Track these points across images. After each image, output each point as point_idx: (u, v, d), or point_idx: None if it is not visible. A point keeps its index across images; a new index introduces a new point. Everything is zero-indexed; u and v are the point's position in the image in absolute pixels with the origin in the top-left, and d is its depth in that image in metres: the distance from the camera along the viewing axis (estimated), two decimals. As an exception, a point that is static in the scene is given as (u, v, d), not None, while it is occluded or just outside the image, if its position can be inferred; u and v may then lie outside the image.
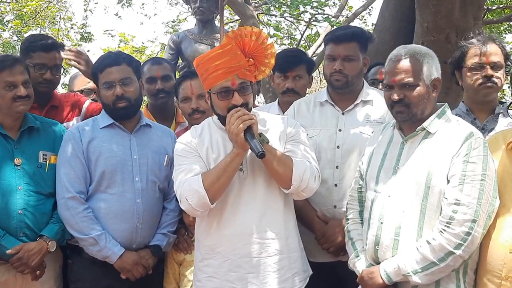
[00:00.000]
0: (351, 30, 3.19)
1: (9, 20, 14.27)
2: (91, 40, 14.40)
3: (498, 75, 3.04)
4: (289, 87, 3.67)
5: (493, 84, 3.04)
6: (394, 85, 2.58)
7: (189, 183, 2.65)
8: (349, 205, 2.90)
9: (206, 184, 2.60)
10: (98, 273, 3.08)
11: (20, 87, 2.99)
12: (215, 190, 2.63)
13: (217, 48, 2.69)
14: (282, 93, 3.73)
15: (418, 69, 2.56)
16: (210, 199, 2.62)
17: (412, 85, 2.55)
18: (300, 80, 3.71)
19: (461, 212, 2.40)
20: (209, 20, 5.85)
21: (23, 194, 2.99)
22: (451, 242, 2.40)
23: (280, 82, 3.72)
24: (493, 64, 3.04)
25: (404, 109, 2.58)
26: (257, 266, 2.69)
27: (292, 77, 3.68)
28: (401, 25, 5.33)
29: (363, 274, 2.65)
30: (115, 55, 3.23)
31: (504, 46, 3.10)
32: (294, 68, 3.66)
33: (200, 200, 2.62)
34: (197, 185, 2.61)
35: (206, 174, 2.65)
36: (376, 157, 2.75)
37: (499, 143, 2.65)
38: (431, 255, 2.43)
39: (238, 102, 2.64)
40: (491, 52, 3.05)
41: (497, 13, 10.17)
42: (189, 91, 3.44)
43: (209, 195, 2.61)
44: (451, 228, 2.40)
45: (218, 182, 2.62)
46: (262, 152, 2.51)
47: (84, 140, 3.09)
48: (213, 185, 2.61)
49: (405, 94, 2.56)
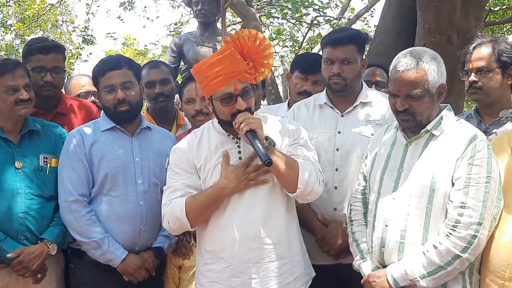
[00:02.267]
0: (347, 33, 3.19)
1: (12, 24, 14.32)
2: (93, 43, 14.45)
3: (484, 80, 3.04)
4: (307, 90, 3.65)
5: (477, 90, 3.07)
6: (399, 95, 2.56)
7: (172, 208, 2.71)
8: (353, 206, 2.89)
9: (190, 215, 2.68)
10: (100, 277, 3.08)
11: (22, 91, 2.99)
12: (198, 221, 2.73)
13: (217, 54, 2.67)
14: (298, 93, 3.69)
15: (424, 80, 2.53)
16: (192, 226, 2.73)
17: (418, 96, 2.54)
18: (318, 86, 3.68)
19: (466, 215, 2.40)
20: (211, 23, 5.84)
21: (24, 198, 2.98)
22: (458, 246, 2.40)
23: (298, 82, 3.70)
24: (477, 69, 3.06)
25: (409, 118, 2.58)
26: (259, 272, 2.68)
27: (312, 80, 3.66)
28: (403, 27, 5.32)
29: (369, 278, 2.65)
30: (116, 58, 3.22)
31: (502, 47, 3.07)
32: (316, 73, 3.63)
33: (181, 227, 2.75)
34: (179, 213, 2.68)
35: (190, 204, 2.68)
36: (379, 159, 2.75)
37: (504, 145, 2.65)
38: (438, 259, 2.43)
39: (242, 107, 2.63)
40: (476, 58, 3.07)
41: (500, 15, 10.16)
42: (194, 93, 3.44)
43: (191, 224, 2.71)
44: (458, 231, 2.41)
45: (202, 215, 2.72)
46: (269, 160, 2.50)
47: (86, 143, 3.09)
48: (197, 217, 2.71)
49: (410, 104, 2.55)
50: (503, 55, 3.04)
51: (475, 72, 3.06)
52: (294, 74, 3.75)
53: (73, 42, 14.83)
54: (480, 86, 3.05)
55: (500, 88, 3.07)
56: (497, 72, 3.04)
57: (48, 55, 3.47)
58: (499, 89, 3.06)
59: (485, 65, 3.05)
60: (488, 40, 3.12)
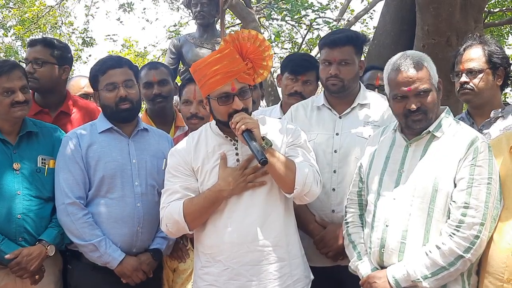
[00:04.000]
0: (345, 34, 3.18)
1: (12, 25, 14.33)
2: (92, 45, 14.46)
3: (475, 80, 3.05)
4: (298, 90, 3.65)
5: (468, 90, 3.07)
6: (409, 95, 2.56)
7: (170, 211, 2.71)
8: (348, 208, 2.89)
9: (188, 218, 2.68)
10: (98, 278, 3.07)
11: (18, 93, 2.99)
12: (196, 223, 2.72)
13: (215, 53, 2.67)
14: (289, 94, 3.70)
15: (427, 74, 2.57)
16: (190, 229, 2.72)
17: (427, 90, 2.55)
18: (309, 86, 3.70)
19: (470, 216, 2.42)
20: (210, 24, 5.85)
21: (22, 199, 2.98)
22: (461, 246, 2.41)
23: (289, 84, 3.70)
24: (468, 70, 3.07)
25: (422, 117, 2.58)
26: (258, 274, 2.67)
27: (303, 81, 3.67)
28: (402, 28, 5.33)
29: (369, 279, 2.64)
30: (117, 57, 3.25)
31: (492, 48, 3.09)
32: (306, 73, 3.66)
33: (179, 230, 2.75)
34: (178, 216, 2.67)
35: (188, 206, 2.68)
36: (377, 160, 2.74)
37: (502, 146, 2.65)
38: (441, 259, 2.44)
39: (239, 106, 2.62)
40: (467, 59, 3.08)
41: (499, 16, 10.17)
42: (192, 95, 3.45)
43: (189, 226, 2.70)
44: (461, 231, 2.42)
45: (200, 218, 2.71)
46: (264, 159, 2.49)
47: (83, 145, 3.08)
48: (195, 220, 2.70)
49: (421, 102, 2.56)
50: (493, 56, 3.06)
51: (466, 73, 3.07)
52: (284, 76, 3.76)
53: (73, 43, 14.83)
54: (471, 87, 3.06)
55: (491, 89, 3.09)
56: (488, 73, 3.06)
57: (32, 48, 3.57)
58: (490, 89, 3.08)
59: (476, 66, 3.06)
60: (478, 42, 3.13)
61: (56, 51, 3.60)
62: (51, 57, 3.58)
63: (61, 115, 3.60)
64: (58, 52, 3.62)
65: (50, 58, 3.58)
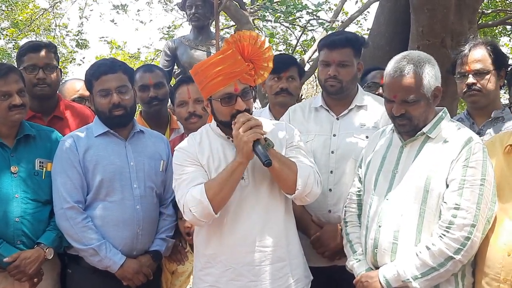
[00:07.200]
0: (345, 36, 3.19)
1: (4, 28, 14.27)
2: (86, 47, 14.41)
3: (483, 82, 3.06)
4: (283, 87, 3.66)
5: (476, 92, 3.07)
6: (395, 100, 2.56)
7: (191, 194, 2.60)
8: (347, 208, 2.90)
9: (209, 194, 2.56)
10: (98, 282, 3.07)
11: (15, 96, 2.98)
12: (219, 200, 2.58)
13: (218, 54, 2.67)
14: (275, 94, 3.70)
15: (419, 84, 2.52)
16: (214, 209, 2.58)
17: (413, 101, 2.53)
18: (293, 82, 3.71)
19: (460, 217, 2.41)
20: (204, 26, 5.84)
21: (20, 202, 2.98)
22: (451, 247, 2.41)
23: (273, 84, 3.70)
24: (475, 72, 3.07)
25: (406, 122, 2.58)
26: (259, 275, 2.67)
27: (286, 77, 3.68)
28: (396, 30, 5.34)
29: (361, 279, 2.65)
30: (111, 62, 3.18)
31: (495, 49, 3.11)
32: (287, 69, 3.67)
33: (204, 211, 2.58)
34: (200, 196, 2.57)
35: (208, 184, 2.61)
36: (375, 160, 2.76)
37: (496, 147, 2.65)
38: (430, 260, 2.43)
39: (242, 107, 2.62)
40: (473, 60, 3.08)
41: (492, 17, 10.22)
42: (186, 95, 3.45)
43: (213, 206, 2.57)
44: (451, 233, 2.41)
45: (221, 193, 2.58)
46: (269, 161, 2.49)
47: (80, 149, 3.06)
48: (217, 196, 2.57)
49: (406, 109, 2.55)
50: (498, 57, 3.07)
51: (473, 74, 3.07)
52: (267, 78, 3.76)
53: (66, 45, 14.80)
54: (479, 88, 3.06)
55: (496, 90, 3.11)
56: (493, 74, 3.07)
57: (39, 53, 3.47)
58: (495, 90, 3.10)
59: (483, 67, 3.06)
60: (481, 42, 3.13)
61: (56, 54, 3.61)
62: (56, 61, 3.58)
63: (54, 120, 3.57)
64: (57, 55, 3.62)
65: (56, 63, 3.58)
